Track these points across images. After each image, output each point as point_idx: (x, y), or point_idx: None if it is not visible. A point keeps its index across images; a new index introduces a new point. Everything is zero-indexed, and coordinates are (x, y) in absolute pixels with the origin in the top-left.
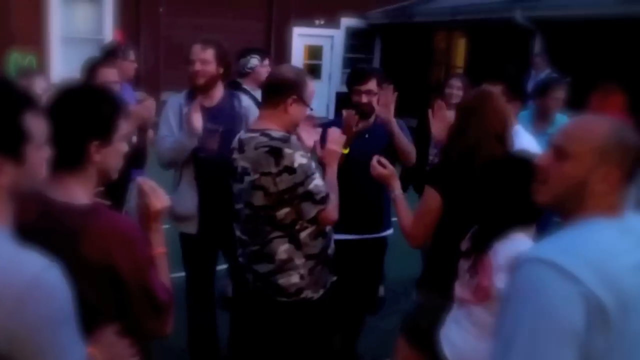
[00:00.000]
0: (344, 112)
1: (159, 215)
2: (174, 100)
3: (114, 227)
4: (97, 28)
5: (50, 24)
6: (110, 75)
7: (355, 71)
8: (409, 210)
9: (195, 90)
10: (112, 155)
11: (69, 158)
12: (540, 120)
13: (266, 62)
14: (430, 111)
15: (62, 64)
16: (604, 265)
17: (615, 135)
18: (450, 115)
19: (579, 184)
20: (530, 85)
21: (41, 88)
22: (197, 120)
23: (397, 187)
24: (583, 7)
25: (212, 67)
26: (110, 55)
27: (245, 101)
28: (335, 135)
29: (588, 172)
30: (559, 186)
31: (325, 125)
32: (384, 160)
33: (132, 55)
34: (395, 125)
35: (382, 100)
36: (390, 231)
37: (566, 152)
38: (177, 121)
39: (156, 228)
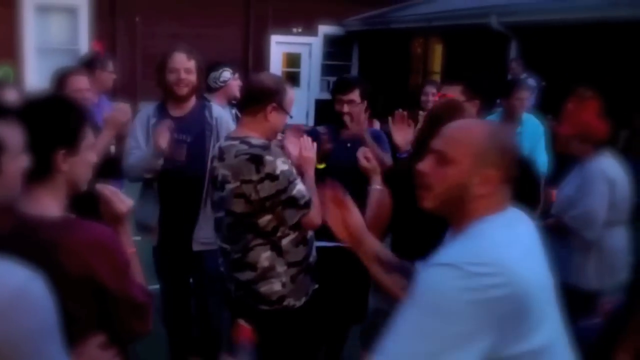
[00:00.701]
0: (319, 129)
1: (124, 218)
2: (143, 112)
3: (90, 237)
4: (72, 38)
5: (24, 34)
6: (80, 82)
7: (340, 81)
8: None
9: (174, 99)
10: (80, 165)
11: (37, 168)
12: (508, 121)
13: (237, 76)
14: (390, 120)
15: (37, 75)
16: (503, 260)
17: (493, 138)
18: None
19: (461, 187)
20: None
21: (12, 99)
22: (164, 139)
23: (377, 182)
24: (558, 13)
25: (194, 78)
26: (88, 66)
27: (217, 111)
28: (307, 143)
29: (469, 175)
30: (443, 191)
31: (309, 133)
32: (369, 155)
33: (110, 66)
34: (367, 137)
35: (353, 115)
36: None
37: (447, 157)
38: (144, 133)
39: (123, 230)
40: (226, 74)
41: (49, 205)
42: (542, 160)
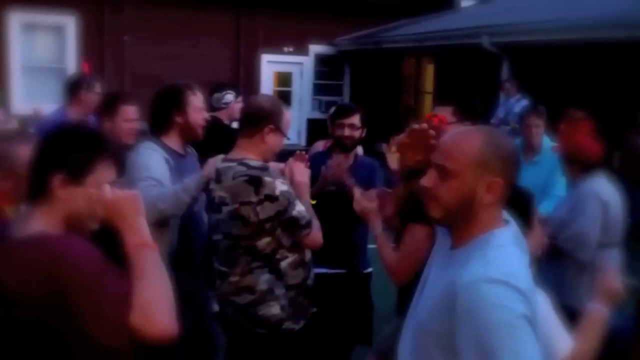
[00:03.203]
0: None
1: (114, 207)
2: (158, 153)
3: (51, 250)
4: (59, 57)
5: (10, 52)
6: (131, 112)
7: (341, 106)
8: (391, 248)
9: (188, 140)
10: (82, 197)
11: (33, 188)
12: (526, 150)
13: (239, 98)
14: (385, 146)
15: (23, 94)
16: (525, 280)
17: (490, 145)
18: None
19: (467, 198)
20: (501, 111)
21: None
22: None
23: (378, 225)
24: (549, 33)
25: None
26: (74, 87)
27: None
28: (300, 169)
29: (472, 185)
30: (450, 203)
31: (312, 158)
32: (368, 194)
33: (97, 87)
34: (349, 181)
35: (335, 167)
36: (370, 269)
37: (448, 171)
38: (171, 175)
39: (129, 226)
40: (229, 96)
41: (40, 225)
42: (560, 193)
